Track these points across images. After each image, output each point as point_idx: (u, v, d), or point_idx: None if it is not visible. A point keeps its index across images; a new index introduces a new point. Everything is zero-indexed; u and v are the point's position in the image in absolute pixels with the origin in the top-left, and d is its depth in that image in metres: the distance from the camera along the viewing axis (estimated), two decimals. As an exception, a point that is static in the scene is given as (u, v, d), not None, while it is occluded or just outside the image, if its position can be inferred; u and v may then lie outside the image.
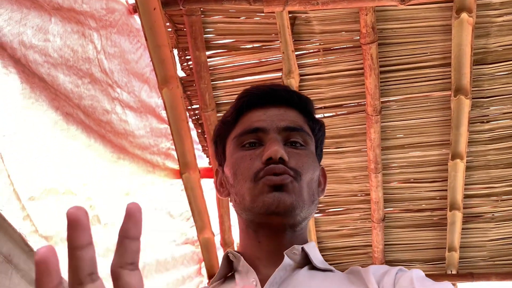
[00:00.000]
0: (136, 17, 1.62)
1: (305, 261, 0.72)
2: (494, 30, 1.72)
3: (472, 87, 1.82)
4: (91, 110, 1.30)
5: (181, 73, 1.90)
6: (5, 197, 0.88)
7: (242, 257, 0.72)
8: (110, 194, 1.49)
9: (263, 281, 0.68)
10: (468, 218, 2.27)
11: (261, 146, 0.75)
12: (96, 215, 1.48)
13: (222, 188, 0.80)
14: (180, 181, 2.04)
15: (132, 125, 1.59)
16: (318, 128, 0.82)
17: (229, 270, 0.75)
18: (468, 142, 1.97)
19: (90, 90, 1.29)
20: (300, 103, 0.80)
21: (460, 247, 2.33)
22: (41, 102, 0.91)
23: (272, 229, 0.71)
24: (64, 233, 1.23)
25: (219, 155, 0.82)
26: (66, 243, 0.35)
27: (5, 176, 0.88)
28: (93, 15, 1.32)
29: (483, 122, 1.97)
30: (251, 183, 0.72)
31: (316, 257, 0.73)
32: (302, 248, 0.71)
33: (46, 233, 1.10)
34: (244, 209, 0.73)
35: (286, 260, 0.69)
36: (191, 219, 2.20)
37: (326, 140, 2.10)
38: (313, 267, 0.71)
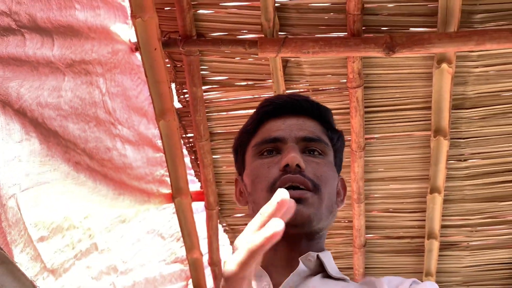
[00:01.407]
0: (138, 54, 1.72)
1: (319, 269, 0.72)
2: (471, 79, 1.85)
3: (451, 129, 1.95)
4: (95, 151, 1.39)
5: (177, 104, 2.01)
6: (20, 245, 0.97)
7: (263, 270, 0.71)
8: (108, 223, 1.58)
9: (276, 286, 0.68)
10: (444, 246, 2.40)
11: (279, 154, 0.75)
12: (95, 243, 1.58)
13: (241, 197, 0.81)
14: (172, 204, 2.14)
15: (130, 158, 1.69)
16: (337, 138, 0.82)
17: None
18: (446, 177, 2.10)
19: (95, 133, 1.38)
20: (319, 113, 0.81)
21: (437, 273, 2.46)
22: (56, 158, 1.01)
23: (289, 239, 0.70)
24: (67, 264, 1.33)
25: (239, 164, 0.83)
26: (67, 272, 0.44)
27: (21, 224, 0.97)
28: (100, 61, 1.41)
29: (460, 160, 2.10)
30: (267, 193, 0.72)
31: (331, 266, 0.73)
32: (317, 256, 0.72)
33: (52, 266, 1.19)
34: None
35: (301, 266, 0.69)
36: (182, 239, 2.29)
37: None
38: (327, 275, 0.71)
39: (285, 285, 0.67)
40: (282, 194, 0.46)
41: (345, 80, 1.83)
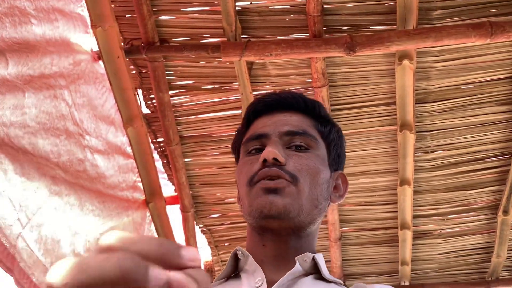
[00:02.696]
0: (101, 62, 1.71)
1: (312, 270, 0.70)
2: (433, 74, 1.89)
3: (416, 123, 1.99)
4: (69, 164, 1.39)
5: (145, 110, 2.01)
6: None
7: (250, 255, 0.71)
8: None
9: (268, 283, 0.66)
10: (417, 235, 2.46)
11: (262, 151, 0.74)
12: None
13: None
14: (148, 214, 2.15)
15: (102, 167, 1.69)
16: (328, 131, 0.79)
17: (234, 269, 0.74)
18: (415, 170, 2.15)
19: (67, 146, 1.38)
20: (306, 107, 0.79)
21: (412, 261, 2.53)
22: (32, 175, 1.01)
23: (275, 233, 0.70)
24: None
25: (237, 164, 0.83)
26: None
27: (42, 265, 0.98)
28: (62, 73, 1.41)
29: (427, 152, 2.15)
30: (247, 187, 0.72)
31: (325, 268, 0.72)
32: (313, 257, 0.70)
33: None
34: (246, 213, 0.72)
35: (297, 266, 0.68)
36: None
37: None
38: (319, 277, 0.70)
39: (280, 283, 0.66)
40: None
41: (310, 80, 1.86)
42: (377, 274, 2.66)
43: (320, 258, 0.72)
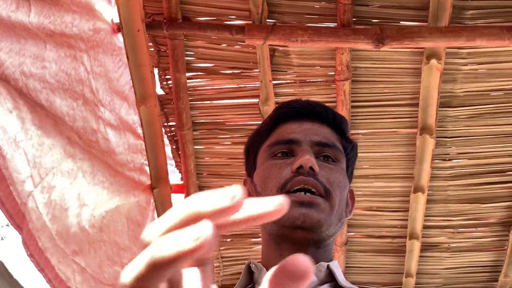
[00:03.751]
0: (120, 35, 1.65)
1: (328, 279, 0.71)
2: (460, 77, 1.83)
3: (437, 127, 1.93)
4: (83, 131, 1.33)
5: (160, 91, 1.95)
6: (56, 256, 0.91)
7: (264, 268, 0.70)
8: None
9: None
10: (425, 247, 2.38)
11: (292, 157, 0.74)
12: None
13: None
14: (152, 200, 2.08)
15: (113, 143, 1.63)
16: (350, 148, 0.82)
17: (249, 282, 0.73)
18: (430, 177, 2.08)
19: (83, 112, 1.32)
20: (334, 121, 0.80)
21: (417, 274, 2.44)
22: (49, 130, 0.95)
23: (295, 244, 0.70)
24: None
25: (250, 165, 0.82)
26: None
27: (48, 231, 0.92)
28: (82, 37, 1.35)
29: (445, 160, 2.08)
30: (277, 193, 0.71)
31: (341, 276, 0.72)
32: (328, 266, 0.70)
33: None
34: None
35: (313, 277, 0.68)
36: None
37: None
38: (336, 286, 0.70)
39: None
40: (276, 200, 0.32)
41: (333, 73, 1.80)
42: (380, 284, 2.58)
43: (335, 266, 0.72)
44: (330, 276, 0.71)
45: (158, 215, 2.15)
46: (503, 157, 2.06)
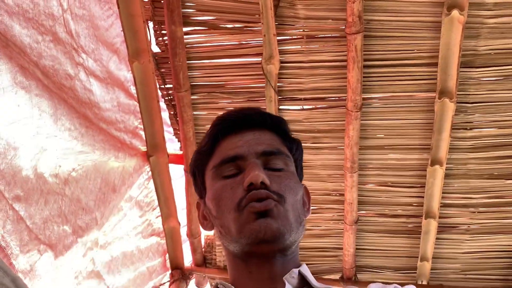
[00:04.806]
0: (110, -18, 1.52)
1: (301, 284, 0.71)
2: (484, 32, 1.65)
3: (458, 91, 1.75)
4: (52, 72, 1.20)
5: (156, 49, 1.81)
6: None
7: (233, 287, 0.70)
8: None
9: None
10: (443, 228, 2.20)
11: (240, 173, 0.73)
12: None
13: (205, 221, 0.78)
14: (147, 167, 1.94)
15: (98, 96, 1.49)
16: (295, 147, 0.81)
17: None
18: (449, 148, 1.91)
19: (52, 50, 1.18)
20: (273, 124, 0.79)
21: (433, 258, 2.27)
22: None
23: (262, 258, 0.70)
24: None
25: (199, 187, 0.81)
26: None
27: None
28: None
29: (466, 129, 1.90)
30: (235, 213, 0.70)
31: (313, 279, 0.73)
32: (299, 271, 0.71)
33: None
34: (231, 240, 0.71)
35: (288, 286, 0.68)
36: (158, 208, 2.10)
37: (302, 134, 2.01)
38: None
39: None
40: None
41: (344, 27, 1.64)
42: (392, 269, 2.40)
43: (305, 270, 0.72)
44: (303, 281, 0.71)
45: (155, 186, 2.02)
46: (531, 127, 1.87)
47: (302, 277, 0.71)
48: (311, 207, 0.82)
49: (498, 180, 2.02)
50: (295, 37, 1.72)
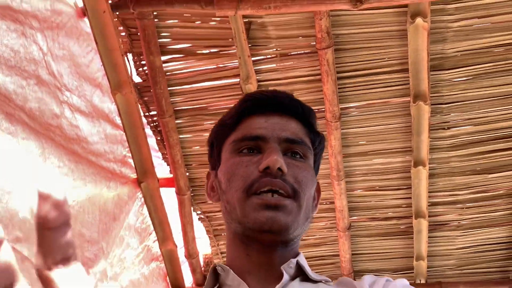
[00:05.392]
0: (86, 20, 1.58)
1: (298, 273, 0.71)
2: (450, 36, 1.72)
3: (431, 93, 1.82)
4: (39, 113, 1.25)
5: (137, 78, 1.87)
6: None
7: (231, 270, 0.70)
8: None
9: None
10: (434, 226, 2.25)
11: (259, 154, 0.72)
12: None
13: (213, 192, 0.78)
14: (139, 195, 1.99)
15: (85, 131, 1.55)
16: (318, 141, 0.80)
17: (214, 284, 0.72)
18: (430, 148, 1.96)
19: (37, 92, 1.24)
20: (303, 114, 0.78)
21: (428, 256, 2.31)
22: None
23: (263, 245, 0.69)
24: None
25: (214, 158, 0.79)
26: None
27: None
28: (36, 15, 1.28)
29: (444, 129, 1.96)
30: (243, 194, 0.69)
31: (309, 268, 0.72)
32: (297, 261, 0.71)
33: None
34: (234, 219, 0.71)
35: (285, 275, 0.68)
36: (154, 233, 2.14)
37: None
38: (305, 279, 0.70)
39: None
40: None
41: (314, 43, 1.70)
42: (390, 271, 2.45)
43: (302, 259, 0.72)
44: (299, 271, 0.71)
45: (149, 211, 2.07)
46: (506, 121, 1.93)
47: (299, 267, 0.71)
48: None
49: (481, 175, 2.08)
50: (269, 56, 1.78)
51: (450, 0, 1.60)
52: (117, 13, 1.63)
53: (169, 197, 2.23)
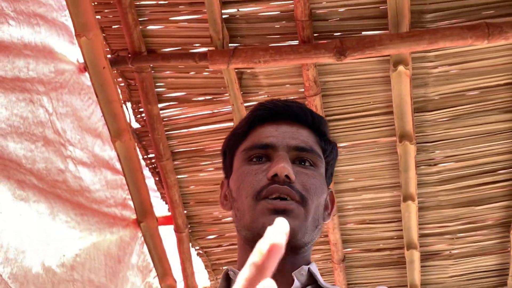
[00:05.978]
0: (87, 74, 1.68)
1: (309, 282, 0.71)
2: (431, 80, 1.82)
3: (416, 133, 1.91)
4: (46, 172, 1.34)
5: (135, 124, 1.96)
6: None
7: None
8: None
9: None
10: (426, 256, 2.32)
11: (268, 162, 0.73)
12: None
13: (225, 201, 0.79)
14: (139, 234, 2.07)
15: (87, 181, 1.63)
16: (330, 149, 0.80)
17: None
18: (418, 184, 2.04)
19: (44, 153, 1.33)
20: (313, 122, 0.78)
21: (422, 285, 2.38)
22: None
23: None
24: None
25: (227, 167, 0.81)
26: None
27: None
28: (41, 80, 1.38)
29: (430, 165, 2.05)
30: (252, 201, 0.70)
31: (320, 277, 0.72)
32: (309, 269, 0.70)
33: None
34: (243, 226, 0.71)
35: (296, 283, 0.68)
36: (154, 269, 2.21)
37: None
38: (317, 287, 0.70)
39: None
40: (272, 236, 0.39)
41: (303, 90, 1.80)
42: (385, 299, 2.51)
43: (314, 268, 0.71)
44: (311, 279, 0.70)
45: (149, 249, 2.14)
46: (490, 156, 2.02)
47: (310, 275, 0.70)
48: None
49: (468, 207, 2.16)
50: (269, 98, 1.88)
51: (430, 49, 1.69)
52: (116, 67, 1.72)
53: (168, 234, 2.31)
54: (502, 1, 1.64)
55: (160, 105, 1.88)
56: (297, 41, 1.69)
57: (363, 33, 1.69)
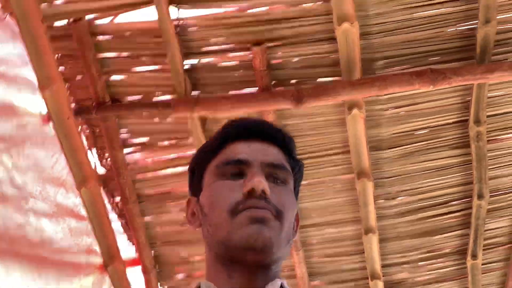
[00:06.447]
0: (51, 123, 1.70)
1: None
2: (384, 122, 1.92)
3: (373, 170, 2.00)
4: (4, 229, 1.33)
5: (101, 169, 1.98)
6: None
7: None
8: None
9: None
10: (390, 285, 2.40)
11: (242, 178, 0.73)
12: None
13: (193, 218, 0.78)
14: (107, 279, 2.07)
15: (50, 231, 1.63)
16: (298, 167, 0.82)
17: None
18: (378, 217, 2.13)
19: (1, 210, 1.33)
20: (283, 141, 0.80)
21: (389, 313, 2.45)
22: None
23: (245, 267, 0.69)
24: None
25: (195, 185, 0.80)
26: None
27: None
28: (3, 137, 1.39)
29: (388, 199, 2.15)
30: (228, 216, 0.70)
31: None
32: (281, 284, 0.71)
33: None
34: (217, 241, 0.71)
35: None
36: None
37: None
38: None
39: None
40: None
41: (264, 132, 1.87)
42: (356, 330, 2.56)
43: (286, 284, 0.72)
44: None
45: (117, 292, 2.14)
46: (443, 189, 2.14)
47: None
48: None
49: (426, 237, 2.26)
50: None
51: (382, 93, 1.80)
52: (81, 117, 1.76)
53: (137, 275, 2.31)
54: (445, 49, 1.77)
55: (125, 150, 1.91)
56: (257, 87, 1.76)
57: (319, 79, 1.79)
